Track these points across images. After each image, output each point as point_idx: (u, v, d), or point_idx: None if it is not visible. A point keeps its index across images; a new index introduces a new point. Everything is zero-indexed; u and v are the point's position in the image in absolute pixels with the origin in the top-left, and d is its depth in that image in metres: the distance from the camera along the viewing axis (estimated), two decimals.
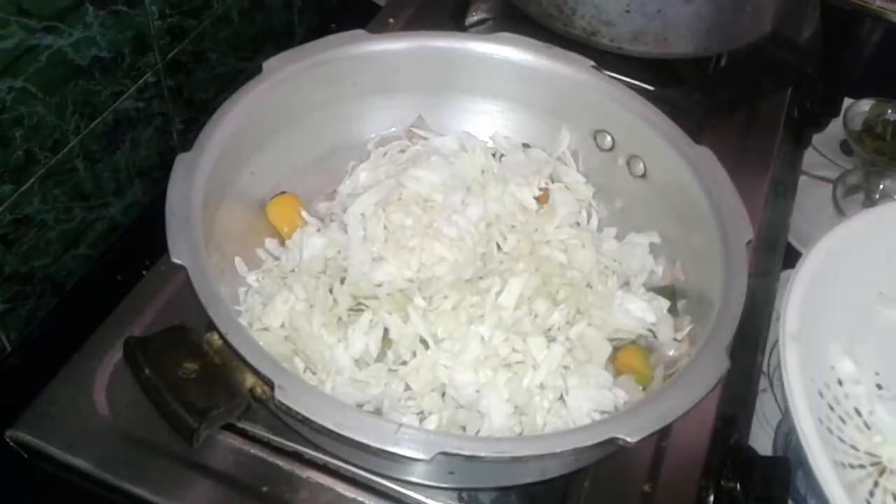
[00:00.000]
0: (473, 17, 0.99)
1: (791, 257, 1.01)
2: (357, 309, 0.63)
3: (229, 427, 0.62)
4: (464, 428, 0.59)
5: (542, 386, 0.60)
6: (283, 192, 0.70)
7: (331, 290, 0.64)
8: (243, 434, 0.63)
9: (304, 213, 0.70)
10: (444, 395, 0.60)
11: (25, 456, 0.62)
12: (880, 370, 0.68)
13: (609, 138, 0.73)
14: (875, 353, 0.67)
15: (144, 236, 0.77)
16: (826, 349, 0.65)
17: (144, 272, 0.72)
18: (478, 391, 0.59)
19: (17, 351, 0.72)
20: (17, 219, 0.67)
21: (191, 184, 0.58)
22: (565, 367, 0.61)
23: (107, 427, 0.62)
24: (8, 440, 0.62)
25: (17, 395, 0.64)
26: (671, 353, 0.63)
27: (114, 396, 0.64)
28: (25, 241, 0.69)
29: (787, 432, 0.81)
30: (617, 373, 0.64)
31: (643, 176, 0.71)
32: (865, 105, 1.21)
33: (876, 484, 0.66)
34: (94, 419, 0.63)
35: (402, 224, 0.67)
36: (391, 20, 0.98)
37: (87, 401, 0.63)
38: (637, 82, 0.88)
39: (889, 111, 1.20)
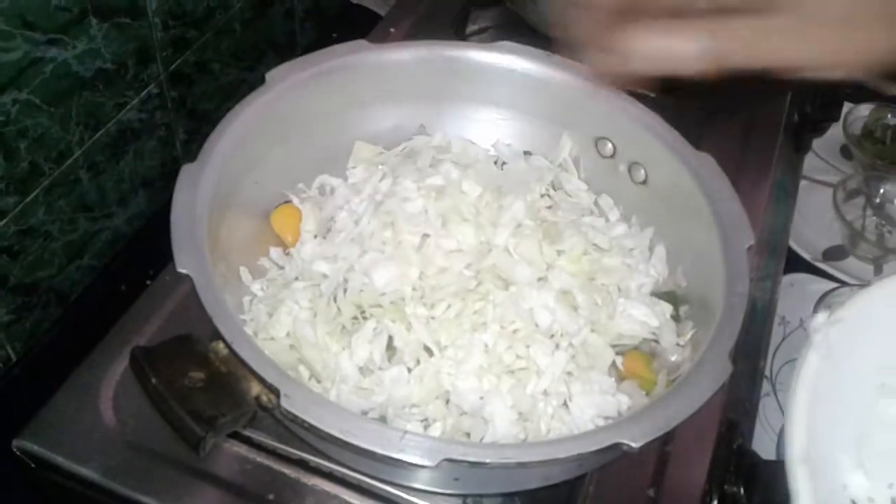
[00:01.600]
0: (474, 26, 1.00)
1: (792, 262, 1.02)
2: (361, 317, 0.63)
3: (235, 435, 0.62)
4: (468, 435, 0.59)
5: (545, 392, 0.60)
6: (286, 202, 0.70)
7: (334, 299, 0.64)
8: (249, 442, 0.63)
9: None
10: (447, 402, 0.60)
11: (32, 465, 0.62)
12: (893, 480, 0.62)
13: (610, 145, 0.73)
14: (886, 460, 0.61)
15: (148, 246, 0.78)
16: (836, 464, 0.60)
17: (148, 282, 0.73)
18: (481, 398, 0.60)
19: (21, 361, 0.72)
20: (22, 230, 0.68)
21: (195, 194, 0.58)
22: (569, 374, 0.62)
23: (113, 436, 0.63)
24: (14, 450, 0.62)
25: (23, 406, 0.64)
26: (674, 359, 0.63)
27: (120, 406, 0.64)
28: (30, 252, 0.69)
29: None
30: (620, 378, 0.64)
31: (644, 182, 0.72)
32: (865, 109, 1.22)
33: None
34: (101, 428, 0.63)
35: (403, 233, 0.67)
36: (392, 30, 0.98)
37: (93, 410, 0.64)
38: (637, 89, 0.89)
39: (888, 115, 1.21)
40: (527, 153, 0.77)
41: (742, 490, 0.63)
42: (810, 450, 0.55)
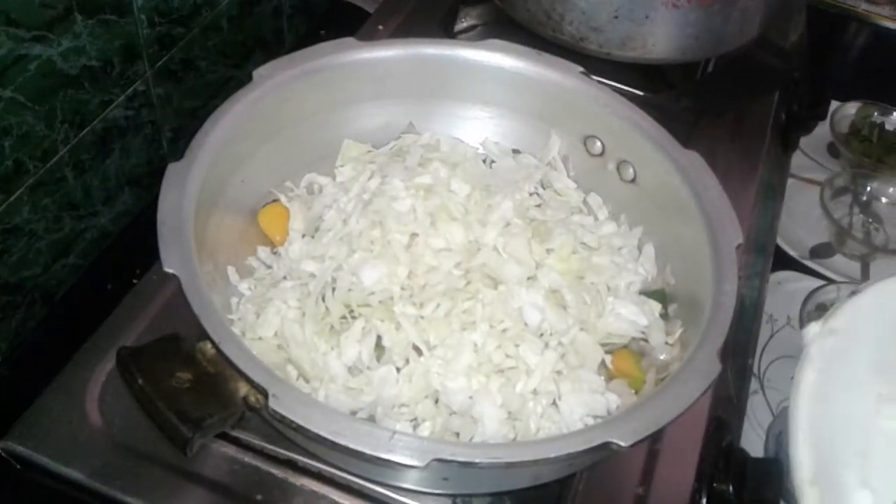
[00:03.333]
0: (463, 24, 1.00)
1: (780, 260, 1.02)
2: (350, 317, 0.63)
3: (223, 436, 0.62)
4: (457, 434, 0.59)
5: (535, 391, 0.60)
6: (274, 200, 0.70)
7: (323, 299, 0.64)
8: (237, 443, 0.62)
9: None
10: (437, 401, 0.60)
11: (18, 466, 0.62)
12: None
13: (599, 143, 0.73)
14: (890, 476, 0.60)
15: (134, 245, 0.77)
16: (842, 484, 0.59)
17: (135, 281, 0.72)
18: (471, 397, 0.59)
19: (7, 361, 0.72)
20: (7, 229, 0.67)
21: (182, 193, 0.58)
22: (558, 373, 0.62)
23: (99, 437, 0.62)
24: (0, 451, 0.62)
25: (9, 406, 0.64)
26: (663, 357, 0.63)
27: (106, 406, 0.64)
28: (15, 251, 0.69)
29: (777, 434, 0.81)
30: (609, 377, 0.64)
31: (633, 180, 0.72)
32: (852, 108, 1.22)
33: None
34: (87, 429, 0.62)
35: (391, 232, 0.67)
36: (380, 27, 0.98)
37: (80, 411, 0.63)
38: (626, 87, 0.89)
39: (875, 113, 1.22)
40: (515, 151, 0.77)
41: (731, 488, 0.64)
42: (818, 470, 0.55)
